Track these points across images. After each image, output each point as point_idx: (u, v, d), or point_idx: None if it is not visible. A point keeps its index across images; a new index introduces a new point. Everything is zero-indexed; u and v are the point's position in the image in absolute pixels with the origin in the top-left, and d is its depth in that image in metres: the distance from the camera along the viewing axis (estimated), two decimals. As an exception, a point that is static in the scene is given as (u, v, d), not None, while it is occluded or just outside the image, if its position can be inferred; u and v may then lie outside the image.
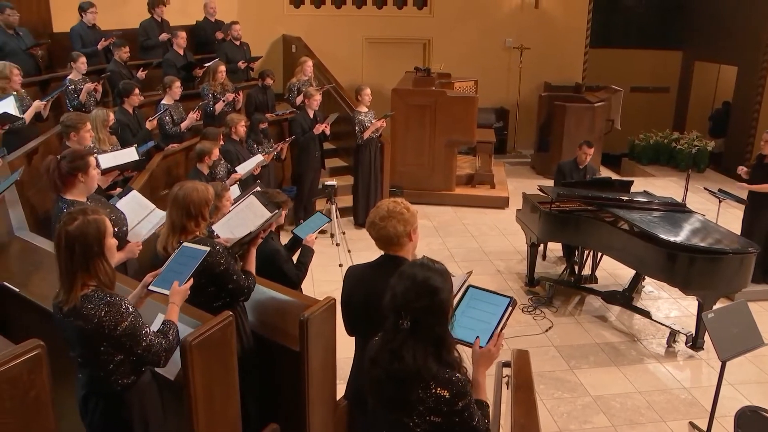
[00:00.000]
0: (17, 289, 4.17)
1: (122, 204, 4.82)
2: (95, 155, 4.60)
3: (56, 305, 2.92)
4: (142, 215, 4.78)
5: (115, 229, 4.30)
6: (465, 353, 2.66)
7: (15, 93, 6.82)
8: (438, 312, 2.48)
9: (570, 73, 14.03)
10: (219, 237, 4.13)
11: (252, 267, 3.92)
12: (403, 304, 2.48)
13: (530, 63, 13.70)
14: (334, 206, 8.05)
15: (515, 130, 14.18)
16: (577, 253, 7.86)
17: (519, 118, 14.09)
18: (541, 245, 8.18)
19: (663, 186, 11.58)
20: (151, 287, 3.27)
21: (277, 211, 4.16)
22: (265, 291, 4.15)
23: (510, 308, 2.81)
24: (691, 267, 6.17)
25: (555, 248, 8.64)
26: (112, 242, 2.95)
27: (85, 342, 2.87)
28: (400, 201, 3.37)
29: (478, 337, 2.70)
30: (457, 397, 2.45)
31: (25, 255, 4.59)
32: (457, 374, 2.48)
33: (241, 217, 3.99)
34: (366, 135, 9.06)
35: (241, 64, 10.31)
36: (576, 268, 7.83)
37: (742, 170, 7.70)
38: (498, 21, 13.71)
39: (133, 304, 2.95)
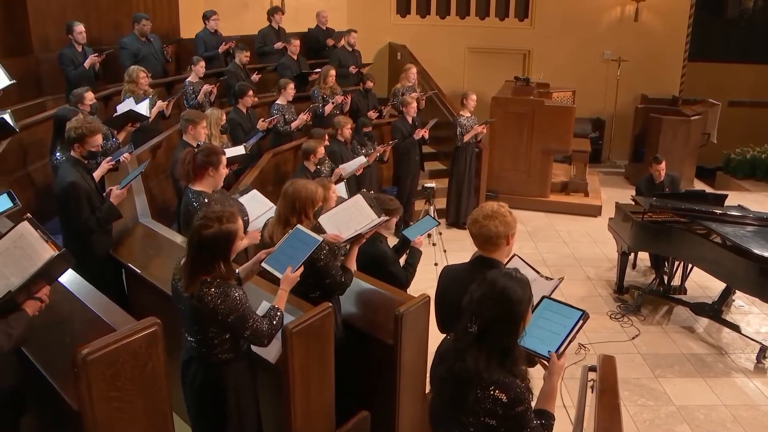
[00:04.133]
0: (139, 271, 4.38)
1: (243, 200, 5.01)
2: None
3: (175, 282, 3.06)
4: (261, 211, 4.95)
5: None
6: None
7: (151, 96, 7.18)
8: (508, 323, 2.45)
9: (667, 85, 13.54)
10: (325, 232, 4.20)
11: (352, 264, 3.95)
12: (476, 309, 2.47)
13: (627, 75, 13.31)
14: (432, 207, 8.05)
15: (610, 140, 13.82)
16: (667, 263, 7.60)
17: (614, 129, 13.72)
18: (632, 254, 7.95)
19: (758, 201, 11.02)
20: (264, 264, 3.36)
21: (386, 217, 4.18)
22: (363, 285, 4.20)
23: (581, 321, 2.75)
24: (784, 283, 5.87)
25: (645, 258, 8.37)
26: (239, 245, 3.07)
27: (197, 321, 2.99)
28: (504, 205, 3.36)
29: (551, 351, 2.66)
30: (515, 403, 2.39)
31: (146, 240, 4.79)
32: (518, 381, 2.43)
33: (347, 215, 4.04)
34: (466, 138, 9.04)
35: (353, 69, 10.45)
36: (665, 278, 7.56)
37: None
38: (597, 33, 13.38)
39: (243, 292, 3.04)
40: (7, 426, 2.71)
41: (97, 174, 5.02)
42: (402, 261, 4.90)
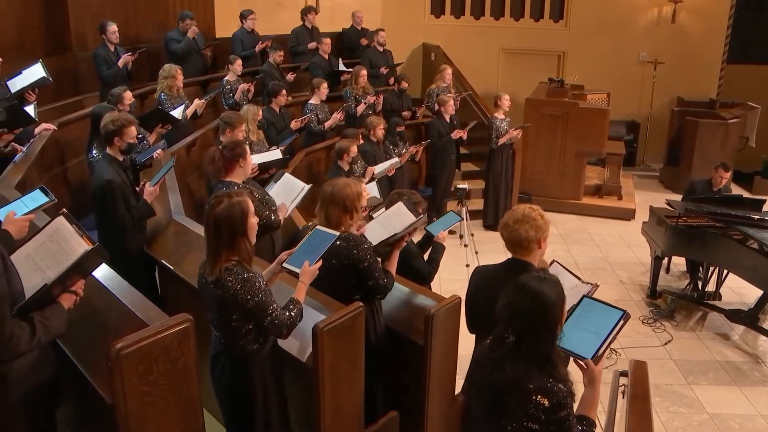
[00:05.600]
0: (171, 267, 4.43)
1: (277, 186, 5.07)
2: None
3: (201, 274, 3.13)
4: (294, 194, 5.05)
5: (266, 212, 4.54)
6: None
7: (186, 102, 7.28)
8: (544, 330, 2.43)
9: (704, 88, 13.31)
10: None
11: (393, 268, 3.97)
12: (509, 317, 2.45)
13: (664, 77, 13.11)
14: (464, 209, 8.02)
15: (645, 143, 13.63)
16: (701, 268, 7.49)
17: (650, 132, 13.52)
18: (666, 258, 7.85)
19: (797, 207, 10.82)
20: (284, 264, 3.40)
21: (422, 216, 4.19)
22: (395, 285, 4.21)
23: (622, 322, 2.71)
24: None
25: (679, 262, 8.27)
26: (253, 221, 3.10)
27: (221, 309, 3.05)
28: (536, 208, 3.33)
29: (588, 359, 2.63)
30: (557, 408, 2.38)
31: (179, 237, 4.85)
32: (560, 385, 2.41)
33: (390, 221, 4.06)
34: (501, 141, 9.02)
35: (383, 70, 10.46)
36: (700, 283, 7.46)
37: None
38: (633, 35, 13.20)
39: (265, 281, 3.10)
40: (45, 416, 2.76)
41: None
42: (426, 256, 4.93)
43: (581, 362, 2.65)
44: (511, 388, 2.41)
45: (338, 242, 3.58)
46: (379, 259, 3.90)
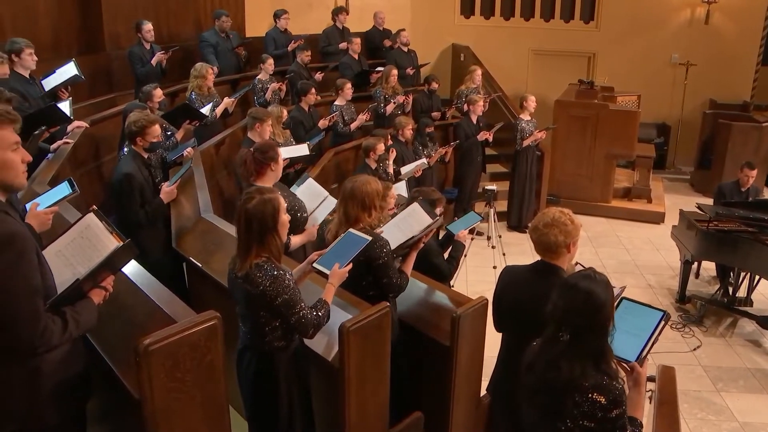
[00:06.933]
0: (200, 264, 4.46)
1: (300, 191, 5.08)
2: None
3: (231, 269, 3.16)
4: (317, 202, 5.02)
5: (299, 215, 4.56)
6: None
7: (217, 98, 7.36)
8: (598, 326, 2.43)
9: (738, 90, 13.09)
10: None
11: (409, 269, 3.98)
12: (564, 317, 2.45)
13: (696, 79, 12.92)
14: (492, 210, 7.99)
15: (676, 146, 13.46)
16: (732, 274, 7.38)
17: (680, 135, 13.35)
18: (695, 263, 7.75)
19: (832, 212, 10.61)
20: (315, 265, 3.41)
21: (438, 217, 4.19)
22: (421, 285, 4.20)
23: (663, 322, 2.70)
24: None
25: (709, 267, 8.14)
26: (284, 218, 3.13)
27: (249, 304, 3.08)
28: (567, 212, 3.31)
29: (633, 362, 2.61)
30: (613, 405, 2.38)
31: (208, 235, 4.86)
32: (615, 383, 2.41)
33: (406, 222, 4.06)
34: (525, 143, 8.98)
35: (410, 71, 10.45)
36: (730, 289, 7.34)
37: None
38: (665, 36, 13.03)
39: (294, 280, 3.11)
40: (75, 409, 2.79)
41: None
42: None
43: (625, 365, 2.63)
44: (567, 386, 2.42)
45: None
46: (396, 258, 3.91)
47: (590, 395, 2.38)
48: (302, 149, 6.50)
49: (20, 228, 2.48)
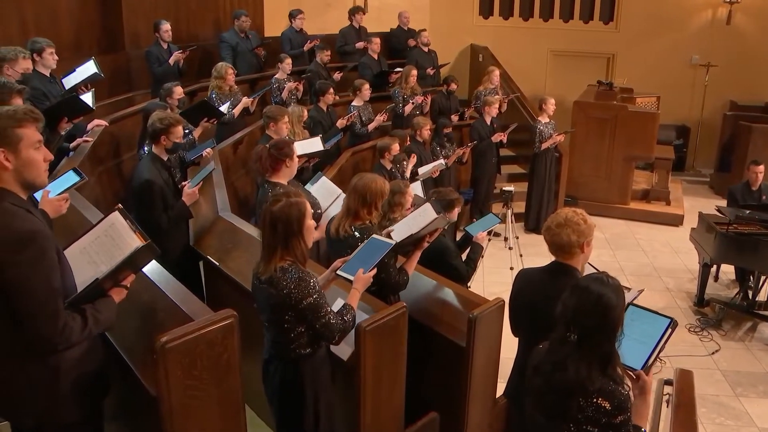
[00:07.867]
0: (217, 263, 4.49)
1: (314, 189, 5.09)
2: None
3: (255, 274, 3.13)
4: (330, 200, 5.03)
5: (314, 211, 4.57)
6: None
7: (238, 93, 7.40)
8: (607, 329, 2.41)
9: (759, 92, 12.92)
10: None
11: (410, 268, 3.98)
12: (572, 318, 2.44)
13: (716, 80, 12.79)
14: (509, 211, 7.96)
15: (696, 148, 13.34)
16: (752, 277, 7.31)
17: (700, 137, 13.23)
18: (714, 266, 7.68)
19: None
20: (339, 272, 3.40)
21: (438, 217, 4.17)
22: (438, 286, 4.19)
23: (670, 330, 2.67)
24: None
25: (728, 270, 8.08)
26: (310, 223, 3.10)
27: (274, 308, 3.05)
28: (580, 212, 3.29)
29: (639, 370, 2.60)
30: (618, 411, 2.37)
31: (225, 233, 4.88)
32: (620, 389, 2.40)
33: (416, 221, 4.06)
34: (544, 146, 8.95)
35: (430, 71, 10.44)
36: (750, 292, 7.26)
37: None
38: (685, 37, 12.92)
39: (320, 284, 3.10)
40: (94, 406, 2.81)
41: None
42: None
43: (631, 373, 2.62)
44: (573, 389, 2.41)
45: (355, 233, 3.68)
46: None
47: (595, 399, 2.37)
48: (316, 143, 6.47)
49: (42, 226, 2.50)
